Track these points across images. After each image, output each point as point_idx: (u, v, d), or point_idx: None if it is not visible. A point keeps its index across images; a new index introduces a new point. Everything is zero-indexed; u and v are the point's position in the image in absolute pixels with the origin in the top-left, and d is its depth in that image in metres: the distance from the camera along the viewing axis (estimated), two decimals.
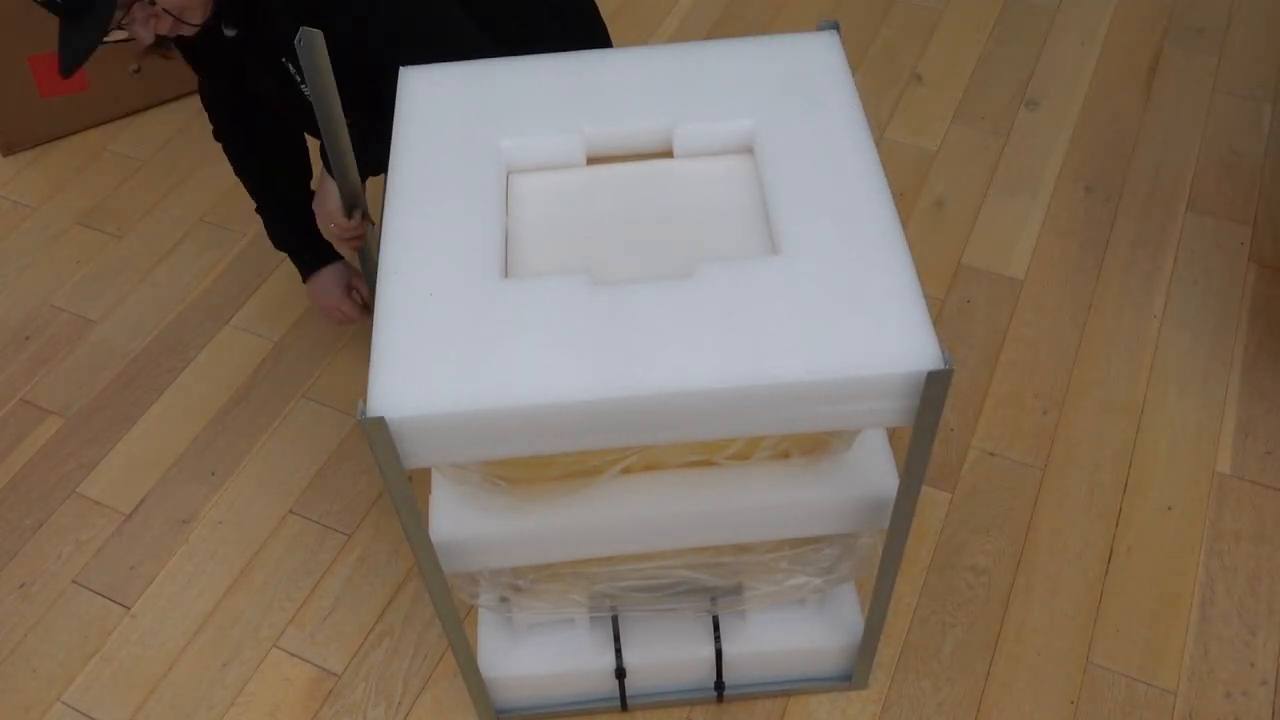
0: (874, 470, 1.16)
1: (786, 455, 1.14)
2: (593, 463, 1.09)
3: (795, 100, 1.17)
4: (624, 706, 1.43)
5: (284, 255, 2.05)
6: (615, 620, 1.37)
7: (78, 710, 1.50)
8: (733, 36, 2.40)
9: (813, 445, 1.14)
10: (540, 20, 1.58)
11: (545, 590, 1.26)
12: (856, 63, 2.32)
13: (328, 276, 1.78)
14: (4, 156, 2.28)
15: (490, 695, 1.38)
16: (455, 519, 1.14)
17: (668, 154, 1.18)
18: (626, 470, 1.13)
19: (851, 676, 1.44)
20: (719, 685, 1.41)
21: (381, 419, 0.93)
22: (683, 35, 2.41)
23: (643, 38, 2.42)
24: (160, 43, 1.39)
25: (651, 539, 1.17)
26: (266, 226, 1.79)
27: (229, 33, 1.43)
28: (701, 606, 1.33)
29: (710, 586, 1.28)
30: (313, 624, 1.56)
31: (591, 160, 1.18)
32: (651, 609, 1.30)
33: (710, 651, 1.37)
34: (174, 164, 2.24)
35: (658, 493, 1.14)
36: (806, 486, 1.14)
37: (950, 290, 1.91)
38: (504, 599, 1.29)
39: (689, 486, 1.14)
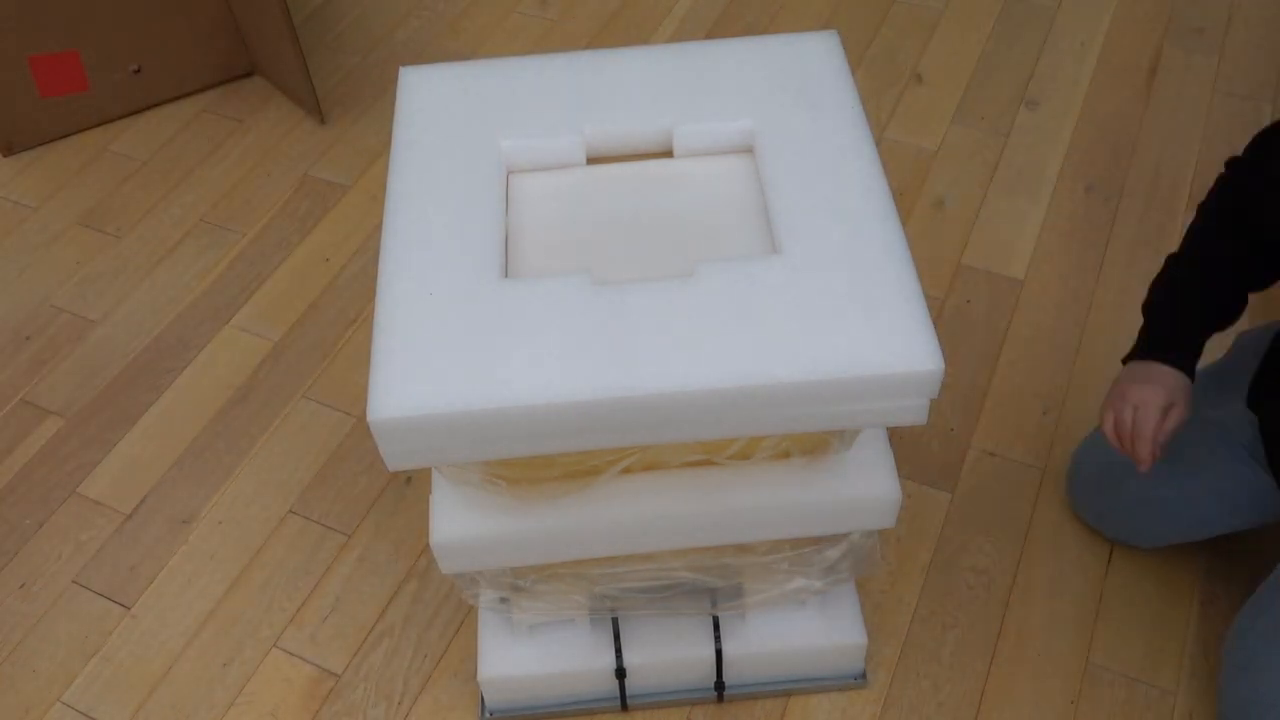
0: (874, 470, 1.16)
1: (787, 455, 1.14)
2: (593, 463, 1.09)
3: (795, 100, 1.17)
4: (624, 706, 1.43)
5: (286, 255, 2.06)
6: (615, 620, 1.37)
7: (78, 710, 1.50)
8: (732, 37, 2.40)
9: (813, 445, 1.14)
10: None
11: (545, 591, 1.26)
12: (856, 63, 2.32)
13: (1159, 376, 1.31)
14: (4, 156, 2.28)
15: (490, 695, 1.39)
16: (455, 519, 1.14)
17: (668, 154, 1.18)
18: (627, 470, 1.13)
19: (852, 676, 1.44)
20: (719, 685, 1.41)
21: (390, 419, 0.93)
22: (682, 35, 2.41)
23: (643, 38, 2.42)
24: None
25: (652, 539, 1.17)
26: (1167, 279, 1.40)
27: None
28: (702, 609, 1.33)
29: (711, 588, 1.28)
30: (313, 624, 1.56)
31: (592, 160, 1.18)
32: (651, 610, 1.30)
33: (710, 651, 1.37)
34: (174, 164, 2.24)
35: (658, 493, 1.14)
36: (806, 486, 1.14)
37: (950, 290, 1.91)
38: (504, 599, 1.29)
39: (689, 487, 1.14)
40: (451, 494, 1.16)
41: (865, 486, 1.15)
